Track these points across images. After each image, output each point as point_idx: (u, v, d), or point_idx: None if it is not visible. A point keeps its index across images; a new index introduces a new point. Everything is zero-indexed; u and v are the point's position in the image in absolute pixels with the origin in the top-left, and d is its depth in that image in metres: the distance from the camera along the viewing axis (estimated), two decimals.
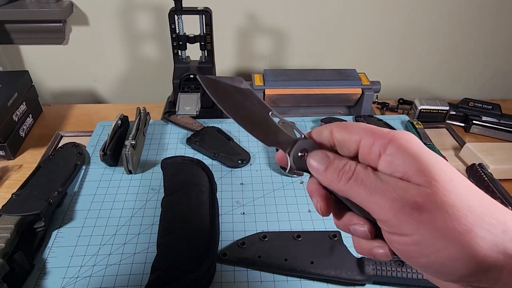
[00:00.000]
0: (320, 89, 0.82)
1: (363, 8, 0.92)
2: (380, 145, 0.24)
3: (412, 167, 0.22)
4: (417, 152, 0.23)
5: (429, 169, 0.22)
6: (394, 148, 0.24)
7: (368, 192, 0.24)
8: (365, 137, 0.25)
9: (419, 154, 0.23)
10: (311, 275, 0.49)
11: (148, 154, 0.71)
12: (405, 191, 0.22)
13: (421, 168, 0.22)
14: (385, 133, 0.25)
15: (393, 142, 0.24)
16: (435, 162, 0.22)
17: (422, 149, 0.23)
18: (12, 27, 0.89)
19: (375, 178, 0.24)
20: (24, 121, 0.79)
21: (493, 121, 0.82)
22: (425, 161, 0.22)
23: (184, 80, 0.78)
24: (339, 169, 0.26)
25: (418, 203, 0.21)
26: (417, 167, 0.22)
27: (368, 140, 0.25)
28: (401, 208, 0.22)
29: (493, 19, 0.95)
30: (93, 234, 0.55)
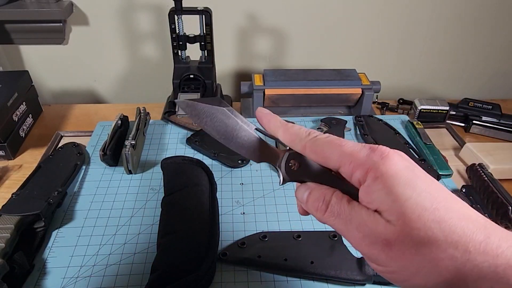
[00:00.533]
0: (320, 89, 0.82)
1: (363, 8, 0.92)
2: (359, 175, 0.24)
3: (385, 202, 0.23)
4: (391, 185, 0.23)
5: (400, 206, 0.22)
6: (371, 180, 0.24)
7: (344, 225, 0.25)
8: (343, 166, 0.25)
9: (393, 188, 0.23)
10: (311, 275, 0.49)
11: (148, 154, 0.71)
12: (376, 227, 0.23)
13: (393, 206, 0.23)
14: (364, 162, 0.24)
15: (371, 173, 0.24)
16: (408, 197, 0.22)
17: (398, 181, 0.23)
18: (12, 27, 0.89)
19: (349, 211, 0.25)
20: (24, 121, 0.79)
21: (493, 121, 0.82)
22: (398, 196, 0.23)
23: (184, 80, 0.78)
24: (317, 200, 0.26)
25: (388, 241, 0.23)
26: (389, 203, 0.23)
27: (347, 168, 0.25)
28: (373, 243, 0.23)
29: (493, 19, 0.95)
30: (93, 234, 0.55)
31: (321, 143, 0.26)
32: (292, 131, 0.29)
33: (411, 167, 0.24)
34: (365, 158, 0.24)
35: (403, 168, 0.23)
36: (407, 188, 0.23)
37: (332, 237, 0.53)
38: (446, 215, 0.22)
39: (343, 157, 0.25)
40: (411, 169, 0.24)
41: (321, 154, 0.26)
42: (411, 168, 0.24)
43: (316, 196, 0.27)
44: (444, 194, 0.23)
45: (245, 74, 1.01)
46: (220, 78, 0.97)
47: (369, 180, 0.24)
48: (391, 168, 0.23)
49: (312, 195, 0.27)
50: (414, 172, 0.24)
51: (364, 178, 0.24)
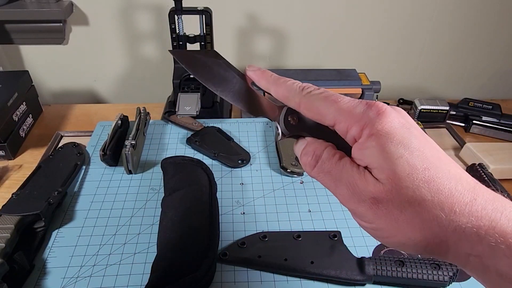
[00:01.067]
0: None
1: (363, 8, 0.92)
2: (355, 132, 0.24)
3: (376, 160, 0.23)
4: (384, 143, 0.23)
5: (391, 164, 0.22)
6: (365, 137, 0.24)
7: (333, 183, 0.25)
8: (339, 122, 0.25)
9: (386, 146, 0.23)
10: (311, 275, 0.49)
11: (148, 154, 0.71)
12: (366, 185, 0.23)
13: (383, 163, 0.23)
14: (359, 118, 0.24)
15: (366, 130, 0.23)
16: (400, 155, 0.22)
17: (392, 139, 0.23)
18: (12, 27, 0.89)
19: (339, 169, 0.25)
20: (24, 121, 0.79)
21: (493, 121, 0.82)
22: (390, 154, 0.23)
23: (184, 80, 0.78)
24: (308, 155, 0.26)
25: (376, 199, 0.23)
26: (380, 161, 0.23)
27: (343, 125, 0.25)
28: (361, 201, 0.24)
29: (493, 19, 0.95)
30: (93, 234, 0.55)
31: (315, 99, 0.26)
32: (285, 87, 0.28)
33: (407, 125, 0.24)
34: (360, 114, 0.24)
35: (398, 126, 0.23)
36: (400, 147, 0.23)
37: (332, 237, 0.53)
38: (436, 175, 0.22)
39: (338, 113, 0.25)
40: (407, 127, 0.24)
41: (316, 110, 0.26)
42: (407, 126, 0.24)
43: (307, 150, 0.27)
44: (437, 154, 0.23)
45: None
46: None
47: (363, 137, 0.24)
48: (386, 126, 0.23)
49: (305, 150, 0.27)
50: (409, 130, 0.23)
51: (359, 135, 0.24)
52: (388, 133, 0.23)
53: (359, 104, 0.24)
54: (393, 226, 0.23)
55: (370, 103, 0.24)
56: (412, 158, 0.22)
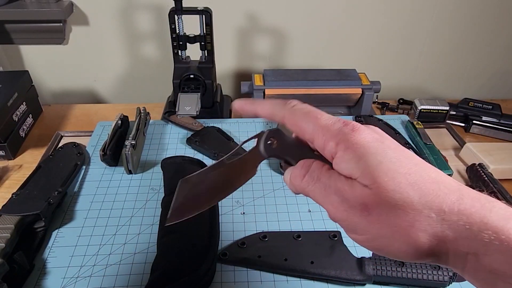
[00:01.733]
0: (320, 89, 0.82)
1: (363, 8, 0.92)
2: (331, 147, 0.25)
3: (356, 169, 0.23)
4: (361, 154, 0.23)
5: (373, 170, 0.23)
6: (341, 151, 0.24)
7: (322, 190, 0.25)
8: (317, 138, 0.25)
9: (363, 156, 0.23)
10: (311, 275, 0.49)
11: (148, 154, 0.71)
12: (354, 191, 0.23)
13: (365, 171, 0.23)
14: (335, 134, 0.24)
15: (341, 144, 0.24)
16: (379, 162, 0.23)
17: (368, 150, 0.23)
18: (12, 27, 0.89)
19: (328, 176, 0.25)
20: (24, 121, 0.79)
21: (493, 121, 0.82)
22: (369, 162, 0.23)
23: (184, 80, 0.78)
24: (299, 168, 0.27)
25: (365, 204, 0.23)
26: (361, 169, 0.23)
27: (320, 141, 0.25)
28: (351, 208, 0.23)
29: (493, 19, 0.95)
30: (93, 234, 0.55)
31: (298, 113, 0.27)
32: (270, 104, 0.29)
33: (381, 139, 0.24)
34: (337, 130, 0.25)
35: (372, 140, 0.24)
36: (378, 156, 0.23)
37: (332, 237, 0.53)
38: (418, 179, 0.22)
39: (317, 129, 0.25)
40: (381, 141, 0.24)
41: (297, 124, 0.27)
42: (381, 140, 0.24)
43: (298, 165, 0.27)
44: (415, 161, 0.24)
45: (245, 74, 1.01)
46: (220, 78, 0.97)
47: (339, 152, 0.24)
48: (361, 140, 0.24)
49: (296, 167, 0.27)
50: (384, 143, 0.24)
51: (336, 150, 0.24)
52: (364, 145, 0.23)
53: (337, 121, 0.25)
54: (388, 232, 0.23)
55: (347, 121, 0.25)
56: (392, 164, 0.23)
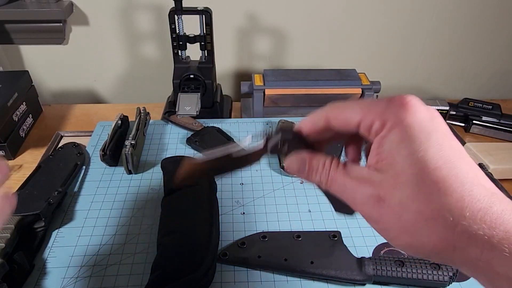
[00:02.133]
0: (320, 89, 0.82)
1: (363, 8, 0.92)
2: (378, 126, 0.24)
3: (389, 156, 0.23)
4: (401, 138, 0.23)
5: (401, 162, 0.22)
6: (386, 130, 0.23)
7: (340, 189, 0.26)
8: (364, 118, 0.25)
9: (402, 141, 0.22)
10: (311, 275, 0.49)
11: (148, 154, 0.71)
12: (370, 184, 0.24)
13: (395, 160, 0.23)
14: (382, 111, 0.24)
15: (388, 123, 0.23)
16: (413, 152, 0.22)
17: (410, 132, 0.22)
18: (12, 27, 0.89)
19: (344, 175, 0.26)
20: (24, 121, 0.79)
21: (493, 121, 0.82)
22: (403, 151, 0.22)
23: (184, 80, 0.78)
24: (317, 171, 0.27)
25: (379, 196, 0.23)
26: (392, 157, 0.23)
27: (367, 120, 0.24)
28: (366, 201, 0.24)
29: (493, 19, 0.95)
30: (93, 234, 0.55)
31: (341, 105, 0.27)
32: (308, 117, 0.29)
33: (431, 117, 0.23)
34: (383, 107, 0.24)
35: (421, 118, 0.23)
36: (417, 141, 0.22)
37: (332, 237, 0.53)
38: (448, 175, 0.21)
39: (363, 109, 0.25)
40: (430, 119, 0.23)
41: (343, 113, 0.26)
42: (430, 118, 0.23)
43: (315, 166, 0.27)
44: (457, 153, 0.22)
45: (245, 74, 1.01)
46: (220, 78, 0.97)
47: (385, 130, 0.23)
48: (408, 117, 0.23)
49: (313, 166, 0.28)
50: (432, 123, 0.23)
51: (382, 128, 0.24)
52: (409, 125, 0.22)
53: (382, 100, 0.24)
54: (397, 225, 0.23)
55: (393, 97, 0.24)
56: (426, 155, 0.22)
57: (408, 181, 0.22)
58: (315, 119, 0.28)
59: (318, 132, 0.28)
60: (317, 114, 0.28)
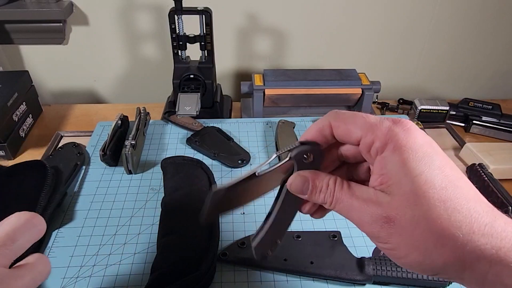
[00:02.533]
0: (320, 89, 0.82)
1: (363, 8, 0.92)
2: (379, 145, 0.24)
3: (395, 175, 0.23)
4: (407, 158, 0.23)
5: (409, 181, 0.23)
6: (389, 151, 0.24)
7: (346, 209, 0.26)
8: (365, 135, 0.25)
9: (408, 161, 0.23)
10: (311, 275, 0.49)
11: (148, 154, 0.71)
12: (378, 205, 0.24)
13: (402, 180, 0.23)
14: (385, 132, 0.24)
15: (390, 144, 0.24)
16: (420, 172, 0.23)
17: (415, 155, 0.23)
18: (12, 27, 0.89)
19: (350, 194, 0.25)
20: (24, 121, 0.79)
21: (493, 121, 0.82)
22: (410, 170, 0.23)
23: (184, 80, 0.78)
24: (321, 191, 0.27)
25: (388, 217, 0.23)
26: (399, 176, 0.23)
27: (368, 138, 0.25)
28: (374, 222, 0.24)
29: (493, 19, 0.95)
30: (93, 234, 0.55)
31: (344, 115, 0.27)
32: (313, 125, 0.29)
33: (430, 142, 0.24)
34: (387, 129, 0.24)
35: (422, 143, 0.24)
36: (422, 163, 0.23)
37: (332, 237, 0.53)
38: (454, 194, 0.22)
39: (366, 127, 0.25)
40: (430, 144, 0.24)
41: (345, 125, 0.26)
42: (431, 143, 0.24)
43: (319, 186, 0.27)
44: (458, 174, 0.24)
45: (245, 74, 1.01)
46: (220, 78, 0.97)
47: (387, 151, 0.24)
48: (411, 141, 0.24)
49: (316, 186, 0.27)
50: (432, 147, 0.24)
51: (383, 148, 0.24)
52: (412, 148, 0.23)
53: (385, 119, 0.25)
54: (407, 244, 0.23)
55: (396, 119, 0.25)
56: (431, 176, 0.23)
57: (418, 201, 0.22)
58: (320, 126, 0.28)
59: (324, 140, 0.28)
60: (322, 121, 0.28)
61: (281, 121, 0.78)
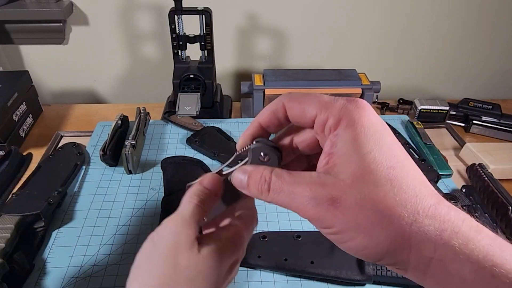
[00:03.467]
0: (320, 89, 0.82)
1: (363, 8, 0.92)
2: (332, 122, 0.24)
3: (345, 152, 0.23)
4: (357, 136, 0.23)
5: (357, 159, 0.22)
6: (342, 128, 0.24)
7: (288, 198, 0.25)
8: (320, 113, 0.25)
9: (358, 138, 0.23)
10: (311, 275, 0.49)
11: (148, 154, 0.71)
12: (322, 187, 0.23)
13: (351, 157, 0.23)
14: (339, 109, 0.24)
15: (344, 121, 0.24)
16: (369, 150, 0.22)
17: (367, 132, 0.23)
18: (12, 27, 0.89)
19: (291, 182, 0.25)
20: (24, 121, 0.79)
21: (493, 121, 0.82)
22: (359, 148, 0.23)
23: (184, 80, 0.78)
24: (258, 183, 0.27)
25: (333, 198, 0.22)
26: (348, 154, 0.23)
27: (322, 116, 0.25)
28: (318, 205, 0.23)
29: (493, 19, 0.95)
30: (93, 234, 0.55)
31: (298, 96, 0.26)
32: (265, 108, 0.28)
33: (382, 122, 0.24)
34: (340, 105, 0.24)
35: (375, 121, 0.24)
36: (372, 141, 0.23)
37: None
38: (400, 174, 0.22)
39: (320, 105, 0.25)
40: (382, 124, 0.24)
41: (299, 105, 0.26)
42: (381, 122, 0.24)
43: (255, 177, 0.27)
44: (405, 154, 0.24)
45: (245, 74, 1.01)
46: (220, 78, 0.97)
47: (340, 128, 0.24)
48: (364, 119, 0.23)
49: (252, 177, 0.27)
50: (383, 127, 0.24)
51: (336, 126, 0.24)
52: (364, 125, 0.23)
53: (340, 98, 0.25)
54: (353, 226, 0.22)
55: (350, 98, 0.25)
56: (380, 154, 0.22)
57: (365, 180, 0.22)
58: (274, 108, 0.27)
59: (277, 123, 0.28)
60: (275, 103, 0.27)
61: None
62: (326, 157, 0.24)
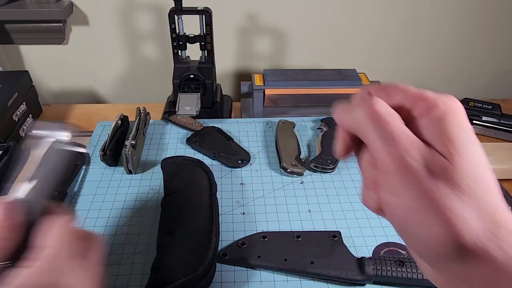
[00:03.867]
0: (320, 89, 0.82)
1: (363, 8, 0.92)
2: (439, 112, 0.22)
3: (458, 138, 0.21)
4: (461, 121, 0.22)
5: (459, 146, 0.21)
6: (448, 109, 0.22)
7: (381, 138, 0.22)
8: (420, 103, 0.23)
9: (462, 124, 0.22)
10: (311, 275, 0.49)
11: (148, 154, 0.71)
12: (427, 155, 0.21)
13: (451, 141, 0.21)
14: (435, 99, 0.22)
15: (442, 106, 0.22)
16: (467, 140, 0.21)
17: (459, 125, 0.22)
18: (12, 27, 0.89)
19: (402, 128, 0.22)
20: (24, 121, 0.79)
21: (493, 121, 0.82)
22: (466, 134, 0.21)
23: (184, 80, 0.78)
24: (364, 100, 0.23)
25: (433, 172, 0.20)
26: (448, 139, 0.21)
27: (421, 106, 0.23)
28: (409, 167, 0.20)
29: (493, 19, 0.95)
30: None
31: (385, 86, 0.24)
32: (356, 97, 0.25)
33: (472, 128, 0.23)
34: (434, 97, 0.22)
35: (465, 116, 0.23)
36: (468, 134, 0.22)
37: (332, 237, 0.53)
38: (485, 173, 0.21)
39: (407, 95, 0.23)
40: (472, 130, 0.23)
41: (384, 93, 0.24)
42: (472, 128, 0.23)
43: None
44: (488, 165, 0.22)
45: (245, 74, 1.01)
46: (220, 78, 0.97)
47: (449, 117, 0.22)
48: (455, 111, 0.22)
49: None
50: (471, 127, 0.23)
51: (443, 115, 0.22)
52: (457, 120, 0.22)
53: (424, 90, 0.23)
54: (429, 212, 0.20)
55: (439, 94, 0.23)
56: (474, 146, 0.22)
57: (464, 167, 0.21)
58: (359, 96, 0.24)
59: None
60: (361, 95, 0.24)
61: (281, 121, 0.78)
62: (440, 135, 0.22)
